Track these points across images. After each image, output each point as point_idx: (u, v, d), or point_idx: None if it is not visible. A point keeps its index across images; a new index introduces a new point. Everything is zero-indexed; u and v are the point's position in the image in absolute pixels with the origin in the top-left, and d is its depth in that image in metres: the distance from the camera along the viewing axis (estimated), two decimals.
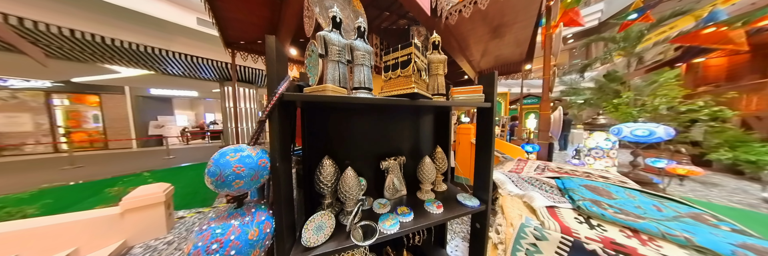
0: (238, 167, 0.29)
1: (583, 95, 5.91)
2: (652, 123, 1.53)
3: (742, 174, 3.42)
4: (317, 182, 0.45)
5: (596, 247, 0.56)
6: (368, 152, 0.62)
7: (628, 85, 5.43)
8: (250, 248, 0.29)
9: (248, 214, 0.31)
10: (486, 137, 0.50)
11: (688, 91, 3.84)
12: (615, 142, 1.83)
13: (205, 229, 0.28)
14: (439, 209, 0.48)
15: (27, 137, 6.24)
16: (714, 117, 3.32)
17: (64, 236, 1.62)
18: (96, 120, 7.37)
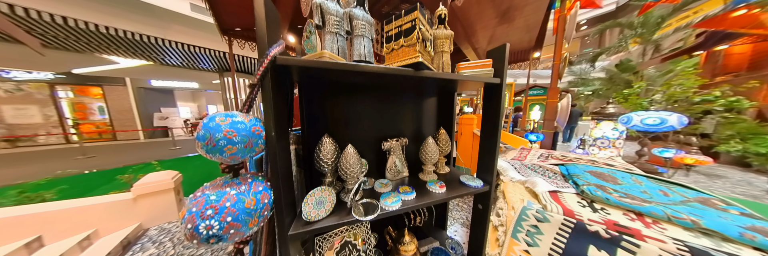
0: (230, 131, 0.28)
1: (592, 86, 5.69)
2: (664, 111, 1.47)
3: (749, 166, 3.37)
4: (317, 160, 0.44)
5: (599, 228, 0.56)
6: (370, 134, 0.60)
7: (640, 75, 5.19)
8: (248, 216, 0.29)
9: (244, 183, 0.30)
10: (493, 117, 0.47)
11: (704, 81, 3.65)
12: (622, 132, 1.78)
13: (199, 195, 0.28)
14: (442, 189, 0.47)
15: (38, 129, 6.41)
16: (729, 108, 3.19)
17: (83, 219, 1.72)
18: (102, 112, 7.49)
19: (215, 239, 0.27)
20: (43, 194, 2.01)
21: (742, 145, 3.02)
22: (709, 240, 0.52)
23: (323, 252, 0.48)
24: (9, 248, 1.39)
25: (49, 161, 4.46)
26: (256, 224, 0.30)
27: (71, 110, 6.94)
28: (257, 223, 0.30)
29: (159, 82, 7.99)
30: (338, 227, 0.35)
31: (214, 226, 0.27)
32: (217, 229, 0.26)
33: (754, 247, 0.49)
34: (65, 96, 6.78)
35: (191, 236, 0.27)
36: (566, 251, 0.57)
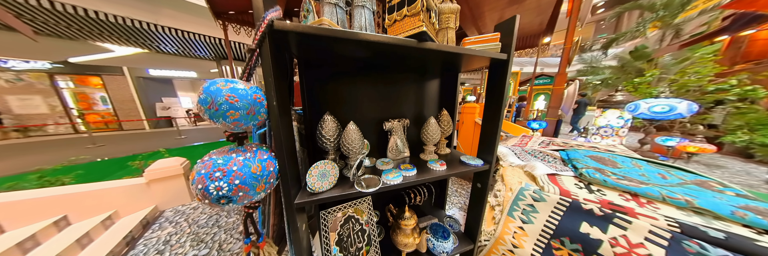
0: (231, 96, 0.28)
1: (602, 75, 5.44)
2: (674, 98, 1.42)
3: (752, 157, 3.35)
4: (319, 137, 0.44)
5: (593, 206, 0.58)
6: (371, 116, 0.60)
7: (654, 63, 4.92)
8: (254, 180, 0.30)
9: (249, 151, 0.31)
10: (497, 96, 0.46)
11: (722, 68, 3.47)
12: (628, 120, 1.75)
13: (207, 160, 0.29)
14: (442, 167, 0.48)
15: (45, 119, 6.53)
16: (743, 97, 3.07)
17: (103, 201, 1.83)
18: (104, 102, 7.53)
19: (225, 200, 0.29)
20: (62, 178, 2.12)
21: (749, 135, 2.97)
22: (700, 218, 0.53)
23: (328, 225, 0.51)
24: (40, 226, 1.51)
25: (62, 149, 4.61)
26: (263, 189, 0.31)
27: (74, 100, 6.99)
28: (264, 189, 0.31)
29: (157, 72, 7.88)
30: (341, 198, 0.37)
31: (223, 187, 0.28)
32: (226, 190, 0.28)
33: (743, 224, 0.50)
34: (66, 86, 6.78)
35: (202, 196, 0.28)
36: (559, 227, 0.60)
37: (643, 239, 0.50)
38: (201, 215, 2.03)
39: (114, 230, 1.72)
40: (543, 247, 0.61)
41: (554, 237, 0.60)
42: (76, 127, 6.84)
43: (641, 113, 1.49)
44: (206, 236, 1.71)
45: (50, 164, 2.42)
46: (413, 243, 0.55)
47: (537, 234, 0.63)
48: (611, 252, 0.51)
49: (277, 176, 0.33)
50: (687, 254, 0.45)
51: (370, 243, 0.55)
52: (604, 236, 0.53)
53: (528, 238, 0.64)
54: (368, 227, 0.56)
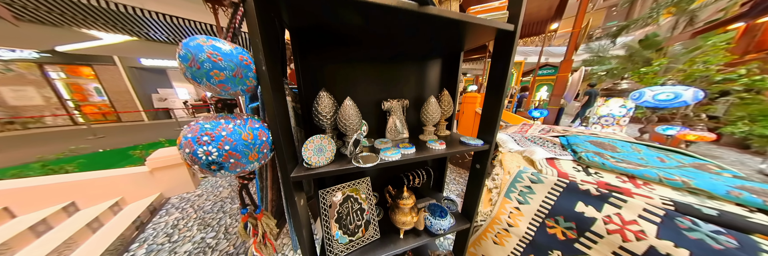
0: (214, 53, 0.26)
1: (608, 65, 5.28)
2: (681, 86, 1.39)
3: (748, 148, 3.37)
4: (315, 114, 0.43)
5: (590, 187, 0.58)
6: (370, 96, 0.58)
7: (663, 53, 4.75)
8: (246, 148, 0.29)
9: (239, 118, 0.30)
10: (501, 72, 0.44)
11: (733, 57, 3.35)
12: (630, 109, 1.73)
13: (193, 124, 0.28)
14: (442, 146, 0.47)
15: (41, 111, 6.46)
16: (749, 88, 3.01)
17: (109, 188, 1.88)
18: (99, 93, 7.40)
19: (216, 166, 0.28)
20: (65, 167, 2.15)
21: (749, 126, 2.96)
22: (694, 198, 0.54)
23: (327, 204, 0.52)
24: (50, 211, 1.56)
25: (62, 141, 4.62)
26: (256, 159, 0.30)
27: (68, 92, 6.86)
28: (257, 158, 0.30)
29: (149, 61, 7.63)
30: (339, 173, 0.36)
31: (213, 152, 0.27)
32: (216, 155, 0.27)
33: (737, 203, 0.51)
34: (58, 77, 6.60)
35: (191, 160, 0.28)
36: (554, 207, 0.61)
37: (637, 216, 0.51)
38: (206, 201, 2.10)
39: (122, 215, 1.78)
40: (537, 226, 0.63)
41: (549, 216, 0.61)
42: (74, 119, 6.79)
43: (645, 101, 1.46)
44: (212, 220, 1.78)
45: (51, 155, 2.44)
46: (411, 221, 0.56)
47: (532, 214, 0.64)
48: (604, 229, 0.52)
49: (271, 147, 0.33)
50: (679, 229, 0.46)
51: (369, 221, 0.56)
52: (599, 215, 0.54)
53: (523, 217, 0.65)
54: (367, 206, 0.57)
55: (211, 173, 0.28)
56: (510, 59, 0.42)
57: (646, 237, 0.47)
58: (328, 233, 0.50)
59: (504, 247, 0.68)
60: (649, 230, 0.48)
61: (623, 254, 0.50)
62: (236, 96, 0.31)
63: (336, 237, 0.50)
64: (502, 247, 0.69)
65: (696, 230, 0.45)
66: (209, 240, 1.53)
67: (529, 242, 0.64)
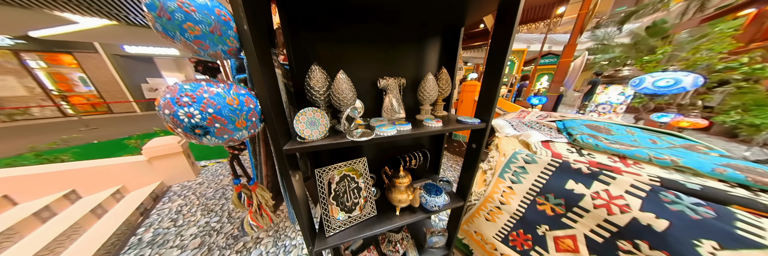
0: (185, 2, 0.23)
1: (612, 53, 5.15)
2: (681, 72, 1.37)
3: (736, 137, 3.46)
4: (308, 90, 0.41)
5: (582, 166, 0.60)
6: (366, 75, 0.56)
7: (669, 41, 4.62)
8: (232, 113, 0.27)
9: (223, 83, 0.28)
10: (502, 46, 0.42)
11: (738, 45, 3.28)
12: (628, 96, 1.72)
13: (172, 85, 0.26)
14: (438, 123, 0.46)
15: (26, 101, 6.22)
16: (748, 76, 2.99)
17: (108, 176, 1.89)
18: (85, 83, 7.08)
19: (201, 130, 0.26)
20: (60, 156, 2.13)
21: (740, 115, 3.01)
22: (681, 175, 0.56)
23: (324, 182, 0.52)
24: (52, 198, 1.58)
25: (53, 132, 4.53)
26: (244, 126, 0.29)
27: (52, 81, 6.54)
28: (245, 126, 0.29)
29: (134, 49, 7.21)
30: (333, 147, 0.36)
31: (195, 114, 0.25)
32: (199, 118, 0.26)
33: (720, 179, 0.53)
34: (37, 66, 6.25)
35: (173, 123, 0.26)
36: (545, 185, 0.63)
37: (624, 192, 0.53)
38: (207, 189, 2.14)
39: (126, 202, 1.82)
40: (528, 203, 0.66)
41: (540, 194, 0.64)
42: (63, 110, 6.58)
43: (644, 88, 1.45)
44: (215, 206, 1.83)
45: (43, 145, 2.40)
46: (407, 199, 0.58)
47: (524, 192, 0.66)
48: (591, 204, 0.55)
49: (260, 117, 0.31)
50: (662, 203, 0.48)
51: (366, 200, 0.58)
52: (588, 191, 0.56)
53: (515, 196, 0.68)
54: (364, 185, 0.58)
55: (196, 138, 0.27)
56: (512, 31, 0.40)
57: (630, 210, 0.50)
58: (326, 210, 0.51)
59: (495, 223, 0.72)
60: (633, 203, 0.50)
61: (606, 226, 0.52)
62: (218, 59, 0.29)
63: (333, 214, 0.52)
64: (493, 223, 0.72)
65: (678, 202, 0.47)
66: (213, 224, 1.59)
67: (519, 218, 0.67)
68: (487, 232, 0.74)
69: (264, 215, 0.43)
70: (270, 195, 0.43)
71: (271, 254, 1.27)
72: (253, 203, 0.40)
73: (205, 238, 1.43)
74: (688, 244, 0.43)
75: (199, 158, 2.86)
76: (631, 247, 0.49)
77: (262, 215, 0.43)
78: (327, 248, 0.49)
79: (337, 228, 0.53)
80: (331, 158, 0.64)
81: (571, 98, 5.56)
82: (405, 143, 0.73)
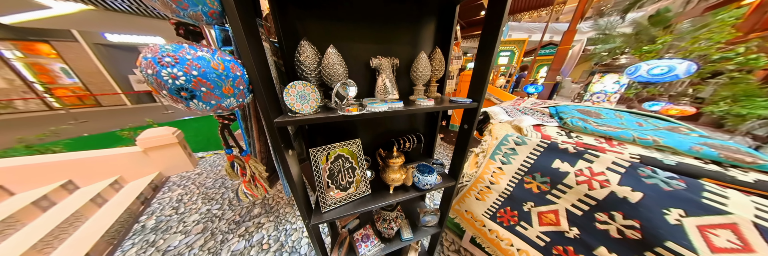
0: None
1: (612, 43, 5.08)
2: (677, 59, 1.38)
3: (722, 127, 3.56)
4: (298, 66, 0.41)
5: (569, 146, 0.62)
6: (357, 56, 0.54)
7: (670, 30, 4.55)
8: (218, 78, 0.26)
9: (208, 48, 0.28)
10: (497, 16, 0.41)
11: (737, 34, 3.26)
12: (623, 85, 1.74)
13: (152, 45, 0.26)
14: (430, 102, 0.47)
15: (8, 94, 5.96)
16: (742, 67, 3.01)
17: (105, 167, 1.89)
18: (68, 75, 6.76)
19: (187, 93, 0.25)
20: (51, 147, 2.10)
21: (728, 105, 3.07)
22: (660, 154, 0.58)
23: (319, 161, 0.53)
24: (49, 188, 1.58)
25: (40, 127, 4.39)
26: (231, 93, 0.29)
27: (32, 73, 6.22)
28: (233, 93, 0.29)
29: (116, 37, 6.80)
30: (324, 121, 0.36)
31: (179, 76, 0.24)
32: (183, 80, 0.25)
33: (695, 157, 0.56)
34: (13, 56, 5.89)
35: (157, 85, 0.25)
36: (533, 165, 0.66)
37: (605, 168, 0.55)
38: (206, 179, 2.16)
39: (125, 191, 1.84)
40: (516, 182, 0.69)
41: (527, 173, 0.67)
42: (49, 103, 6.35)
43: (639, 76, 1.47)
44: (215, 194, 1.87)
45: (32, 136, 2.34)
46: (400, 178, 0.60)
47: (513, 172, 0.69)
48: (574, 181, 0.58)
49: (248, 86, 0.31)
50: (638, 177, 0.51)
51: (360, 179, 0.60)
52: (572, 169, 0.59)
53: (504, 176, 0.71)
54: (358, 166, 0.60)
55: (183, 101, 0.27)
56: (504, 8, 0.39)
57: (609, 185, 0.53)
58: (321, 187, 0.53)
59: (484, 202, 0.76)
60: (613, 179, 0.53)
61: (586, 200, 0.56)
62: (199, 21, 0.28)
63: (328, 192, 0.54)
64: (483, 202, 0.76)
65: (653, 177, 0.50)
66: (215, 211, 1.63)
67: (507, 197, 0.70)
68: (476, 210, 0.78)
69: (258, 185, 0.45)
70: (264, 168, 0.44)
71: (273, 237, 1.33)
72: (247, 173, 0.41)
73: (207, 224, 1.48)
74: (658, 213, 0.46)
75: (196, 150, 2.85)
76: (606, 218, 0.53)
77: (257, 186, 0.44)
78: (322, 222, 0.51)
79: (333, 205, 0.56)
80: (325, 140, 0.64)
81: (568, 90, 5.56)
82: (399, 127, 0.74)
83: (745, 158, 0.50)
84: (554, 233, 0.61)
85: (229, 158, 0.38)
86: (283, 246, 1.24)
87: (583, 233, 0.56)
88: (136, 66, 1.48)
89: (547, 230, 0.62)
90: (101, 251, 1.25)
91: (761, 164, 0.48)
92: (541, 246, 0.64)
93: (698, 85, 3.31)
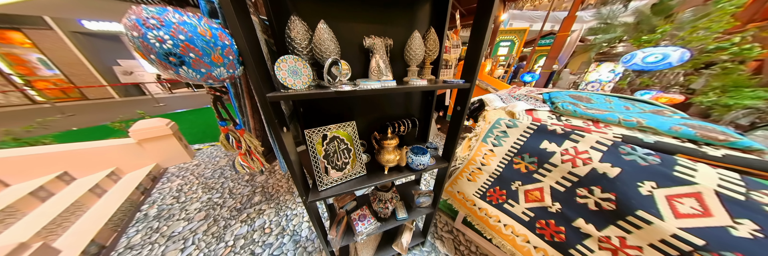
0: None
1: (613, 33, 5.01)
2: (672, 46, 1.38)
3: (708, 117, 3.67)
4: (289, 43, 0.40)
5: (557, 128, 0.64)
6: (350, 36, 0.53)
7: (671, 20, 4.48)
8: (205, 44, 0.26)
9: (193, 14, 0.27)
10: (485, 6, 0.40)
11: (735, 24, 3.24)
12: (617, 74, 1.75)
13: (135, 7, 0.25)
14: (423, 81, 0.47)
15: None
16: (735, 57, 3.04)
17: (100, 158, 1.87)
18: (47, 66, 6.40)
19: (176, 59, 0.25)
20: (41, 139, 2.05)
21: (717, 96, 3.14)
22: (641, 134, 0.61)
23: (313, 142, 0.54)
24: (45, 179, 1.58)
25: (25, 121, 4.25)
26: (221, 62, 0.29)
27: (7, 64, 5.86)
28: (223, 63, 0.29)
29: (94, 25, 6.36)
30: (318, 97, 0.37)
31: (166, 39, 0.24)
32: (171, 44, 0.24)
33: (674, 136, 0.59)
34: None
35: (145, 48, 0.24)
36: (523, 146, 0.68)
37: (589, 147, 0.58)
38: (205, 169, 2.18)
39: (124, 182, 1.84)
40: (506, 163, 0.72)
41: (517, 155, 0.70)
42: (31, 97, 6.07)
43: (634, 64, 1.48)
44: (215, 184, 1.90)
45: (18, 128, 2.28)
46: (394, 159, 0.62)
47: (503, 153, 0.72)
48: (560, 160, 0.61)
49: (238, 58, 0.31)
50: (619, 154, 0.54)
51: (355, 160, 0.62)
52: (558, 149, 0.62)
53: (495, 157, 0.74)
54: (353, 147, 0.61)
55: (172, 68, 0.26)
56: None
57: (591, 162, 0.56)
58: (317, 166, 0.55)
59: (475, 182, 0.79)
60: (595, 156, 0.56)
61: (569, 177, 0.59)
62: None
63: (325, 171, 0.56)
64: (474, 183, 0.80)
65: (632, 153, 0.53)
66: (216, 199, 1.67)
67: (496, 177, 0.74)
68: (468, 191, 0.82)
69: (254, 159, 0.46)
70: (259, 143, 0.45)
71: (274, 222, 1.38)
72: (242, 145, 0.42)
73: (209, 211, 1.52)
74: (633, 185, 0.50)
75: (192, 142, 2.83)
76: (586, 192, 0.57)
77: (253, 159, 0.46)
78: (319, 199, 0.54)
79: (329, 184, 0.58)
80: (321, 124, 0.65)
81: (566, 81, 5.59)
82: (394, 112, 0.75)
83: (718, 136, 0.53)
84: (538, 208, 0.65)
85: (224, 130, 0.39)
86: (284, 230, 1.30)
87: (564, 207, 0.60)
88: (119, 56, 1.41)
89: (532, 206, 0.67)
90: (106, 237, 1.29)
91: (732, 141, 0.52)
92: (525, 221, 0.68)
93: (691, 76, 3.35)
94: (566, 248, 0.59)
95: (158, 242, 1.24)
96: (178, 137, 2.33)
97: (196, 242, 1.24)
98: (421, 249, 1.07)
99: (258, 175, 1.98)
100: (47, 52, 6.06)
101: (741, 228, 0.39)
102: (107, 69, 6.91)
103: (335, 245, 0.68)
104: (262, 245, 1.19)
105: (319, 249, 1.12)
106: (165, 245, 1.22)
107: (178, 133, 2.32)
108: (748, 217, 0.39)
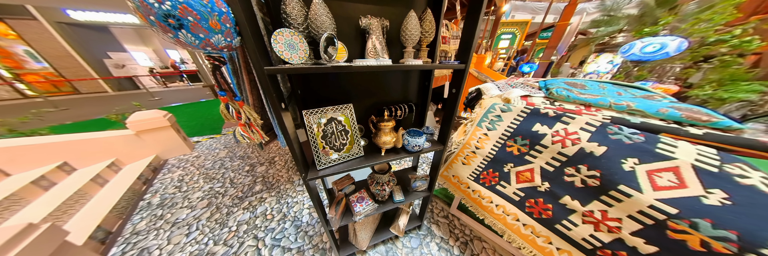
0: None
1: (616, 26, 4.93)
2: (670, 36, 1.38)
3: None
4: (284, 19, 0.40)
5: (549, 111, 0.66)
6: (347, 16, 0.53)
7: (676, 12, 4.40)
8: (204, 10, 0.26)
9: None
10: None
11: (737, 15, 3.20)
12: (616, 65, 1.76)
13: None
14: (419, 61, 0.48)
15: None
16: (733, 50, 3.03)
17: (100, 149, 1.88)
18: (35, 59, 6.20)
19: (175, 21, 0.25)
20: (37, 130, 2.04)
21: (713, 89, 3.15)
22: (630, 117, 0.63)
23: (312, 124, 0.56)
24: (45, 169, 1.59)
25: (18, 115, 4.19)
26: (219, 29, 0.29)
27: None
28: (220, 30, 0.29)
29: (81, 15, 6.10)
30: (314, 71, 0.38)
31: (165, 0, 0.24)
32: (170, 5, 0.25)
33: (661, 118, 0.61)
34: None
35: (145, 9, 0.24)
36: (516, 130, 0.70)
37: (579, 128, 0.60)
38: (205, 161, 2.20)
39: (125, 173, 1.87)
40: (499, 146, 0.74)
41: (510, 138, 0.72)
42: (21, 91, 5.93)
43: (632, 55, 1.48)
44: (216, 174, 1.93)
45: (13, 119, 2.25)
46: (391, 141, 0.64)
47: (497, 137, 0.74)
48: (550, 141, 0.63)
49: (235, 27, 0.31)
50: (606, 134, 0.57)
51: (353, 141, 0.63)
52: (549, 131, 0.64)
53: (489, 141, 0.76)
54: (350, 129, 0.63)
55: (171, 31, 0.27)
56: None
57: (580, 142, 0.58)
58: (316, 147, 0.56)
59: (470, 166, 0.82)
60: (584, 137, 0.58)
61: (558, 157, 0.62)
62: None
63: (323, 151, 0.58)
64: (468, 166, 0.83)
65: (619, 133, 0.55)
66: (217, 188, 1.71)
67: (490, 160, 0.77)
68: (462, 174, 0.85)
69: (255, 131, 0.48)
70: (259, 116, 0.47)
71: (276, 209, 1.42)
72: (242, 116, 0.43)
73: (211, 199, 1.55)
74: (617, 162, 0.52)
75: (190, 135, 2.83)
76: (573, 171, 0.59)
77: (253, 132, 0.47)
78: (318, 177, 0.56)
79: (327, 163, 0.60)
80: (316, 101, 0.66)
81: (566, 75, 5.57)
82: (391, 96, 0.75)
83: (702, 117, 0.55)
84: (529, 188, 0.69)
85: (223, 99, 0.40)
86: (285, 216, 1.34)
87: (552, 186, 0.63)
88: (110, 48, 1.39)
89: (523, 186, 0.70)
90: (112, 223, 1.32)
91: (714, 121, 0.54)
92: (516, 201, 0.72)
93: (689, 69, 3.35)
94: (553, 223, 0.63)
95: (163, 228, 1.28)
96: (176, 128, 2.33)
97: (200, 227, 1.28)
98: (417, 233, 1.12)
99: (258, 165, 2.01)
100: (33, 43, 5.85)
101: (712, 197, 0.42)
102: (98, 62, 6.72)
103: (334, 224, 0.71)
104: (264, 230, 1.23)
105: (320, 233, 1.17)
106: (170, 231, 1.26)
107: (176, 125, 2.32)
108: (720, 187, 0.42)
